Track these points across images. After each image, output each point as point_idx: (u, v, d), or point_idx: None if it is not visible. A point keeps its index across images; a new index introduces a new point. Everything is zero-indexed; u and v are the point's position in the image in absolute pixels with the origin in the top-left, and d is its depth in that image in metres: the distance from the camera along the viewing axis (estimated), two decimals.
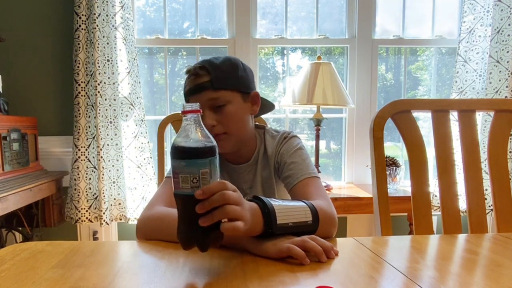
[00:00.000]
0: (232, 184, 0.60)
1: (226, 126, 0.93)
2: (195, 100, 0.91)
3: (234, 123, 0.94)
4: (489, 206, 1.79)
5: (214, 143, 0.59)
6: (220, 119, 0.92)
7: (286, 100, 1.95)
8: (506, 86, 1.82)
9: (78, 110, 1.87)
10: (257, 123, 1.08)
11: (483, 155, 1.63)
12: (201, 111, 0.60)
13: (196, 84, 0.92)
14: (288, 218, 0.68)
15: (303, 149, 0.98)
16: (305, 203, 0.74)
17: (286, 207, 0.69)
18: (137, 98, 1.93)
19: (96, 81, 1.82)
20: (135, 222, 1.80)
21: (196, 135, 0.59)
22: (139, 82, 1.94)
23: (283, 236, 0.68)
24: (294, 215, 0.70)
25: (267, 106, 1.06)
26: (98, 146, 1.85)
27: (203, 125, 0.60)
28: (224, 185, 0.58)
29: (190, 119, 0.59)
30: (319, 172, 1.95)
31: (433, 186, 1.82)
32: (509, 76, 1.82)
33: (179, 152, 0.57)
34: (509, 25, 1.82)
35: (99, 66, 1.82)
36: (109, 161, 1.89)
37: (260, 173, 1.01)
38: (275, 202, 0.69)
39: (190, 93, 0.94)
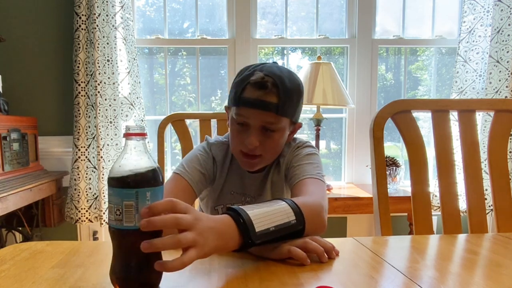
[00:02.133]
0: (183, 202, 0.54)
1: (266, 150, 0.89)
2: (253, 115, 0.85)
3: (274, 149, 0.91)
4: (489, 206, 1.79)
5: (151, 174, 0.52)
6: (264, 142, 0.88)
7: None
8: (506, 86, 1.82)
9: (78, 110, 1.88)
10: None
11: (483, 155, 1.63)
12: (146, 135, 0.54)
13: (263, 100, 0.84)
14: (267, 223, 0.62)
15: (314, 154, 0.95)
16: (285, 202, 0.69)
17: (263, 212, 0.64)
18: (137, 98, 1.93)
19: (96, 81, 1.82)
20: None
21: (132, 162, 0.52)
22: (139, 82, 1.94)
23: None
24: (274, 218, 0.64)
25: None
26: (98, 146, 1.85)
27: (146, 151, 0.53)
28: (172, 203, 0.52)
29: (132, 143, 0.52)
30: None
31: (433, 186, 1.82)
32: (509, 76, 1.82)
33: (108, 178, 0.52)
34: (509, 25, 1.82)
35: (99, 66, 1.82)
36: (109, 161, 1.89)
37: (271, 181, 0.99)
38: (250, 210, 0.63)
39: (250, 105, 0.85)
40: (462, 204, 1.62)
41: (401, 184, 1.95)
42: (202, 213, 0.59)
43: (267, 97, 0.84)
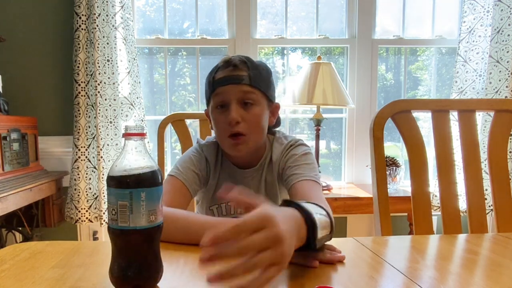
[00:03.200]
0: (255, 218, 0.46)
1: (248, 127, 0.89)
2: (228, 90, 0.88)
3: (256, 126, 0.91)
4: (489, 206, 1.79)
5: (146, 174, 0.51)
6: (246, 117, 0.89)
7: (286, 100, 1.94)
8: (506, 86, 1.82)
9: (78, 110, 1.88)
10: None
11: (483, 155, 1.63)
12: (145, 135, 0.53)
13: (234, 75, 0.88)
14: (321, 231, 0.59)
15: (309, 154, 0.96)
16: (325, 211, 0.65)
17: (321, 219, 0.59)
18: (137, 98, 1.93)
19: (96, 81, 1.82)
20: None
21: (129, 162, 0.51)
22: (139, 82, 1.94)
23: None
24: (324, 226, 0.61)
25: (276, 123, 1.03)
26: (98, 146, 1.85)
27: (145, 152, 0.53)
28: (237, 230, 0.44)
29: (131, 143, 0.52)
30: (319, 172, 1.95)
31: (433, 186, 1.82)
32: (509, 76, 1.82)
33: (106, 178, 0.52)
34: (509, 25, 1.82)
35: (99, 66, 1.82)
36: (109, 161, 1.89)
37: (265, 179, 0.99)
38: (314, 213, 0.57)
39: (224, 82, 0.89)
40: (462, 204, 1.62)
41: (401, 184, 1.95)
42: (281, 214, 0.50)
43: (238, 71, 0.89)
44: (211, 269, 0.43)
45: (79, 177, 1.89)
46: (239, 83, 0.88)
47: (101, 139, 1.85)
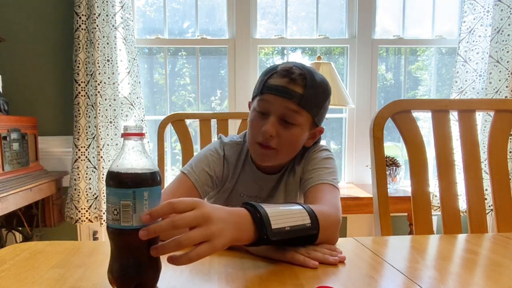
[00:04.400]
0: (187, 200, 0.53)
1: (281, 144, 0.85)
2: (275, 102, 0.83)
3: (290, 145, 0.87)
4: (489, 206, 1.79)
5: (148, 174, 0.52)
6: (281, 134, 0.84)
7: None
8: (506, 86, 1.82)
9: (78, 110, 1.88)
10: None
11: (483, 155, 1.63)
12: (144, 135, 0.54)
13: (288, 88, 0.82)
14: (283, 222, 0.62)
15: (330, 158, 0.92)
16: (301, 206, 0.68)
17: (280, 211, 0.63)
18: (137, 98, 1.93)
19: (96, 81, 1.83)
20: None
21: (129, 162, 0.52)
22: (139, 82, 1.94)
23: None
24: (290, 218, 0.63)
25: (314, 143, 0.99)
26: (98, 146, 1.85)
27: (144, 152, 0.53)
28: (171, 206, 0.51)
29: (130, 143, 0.53)
30: None
31: (433, 186, 1.82)
32: (509, 76, 1.82)
33: (106, 178, 0.52)
34: (509, 25, 1.82)
35: (99, 66, 1.82)
36: (109, 161, 1.89)
37: (285, 184, 0.96)
38: (267, 207, 0.62)
39: (274, 92, 0.83)
40: (462, 204, 1.62)
41: (401, 184, 1.95)
42: (215, 205, 0.57)
43: (292, 86, 0.82)
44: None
45: (79, 177, 1.89)
46: (289, 98, 0.82)
47: (101, 139, 1.85)
